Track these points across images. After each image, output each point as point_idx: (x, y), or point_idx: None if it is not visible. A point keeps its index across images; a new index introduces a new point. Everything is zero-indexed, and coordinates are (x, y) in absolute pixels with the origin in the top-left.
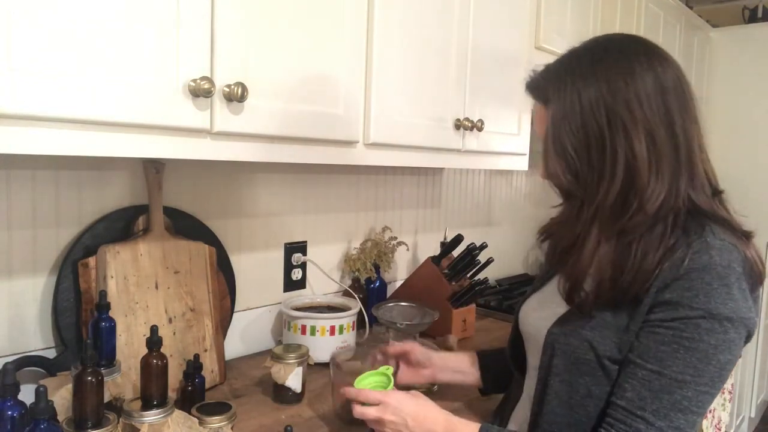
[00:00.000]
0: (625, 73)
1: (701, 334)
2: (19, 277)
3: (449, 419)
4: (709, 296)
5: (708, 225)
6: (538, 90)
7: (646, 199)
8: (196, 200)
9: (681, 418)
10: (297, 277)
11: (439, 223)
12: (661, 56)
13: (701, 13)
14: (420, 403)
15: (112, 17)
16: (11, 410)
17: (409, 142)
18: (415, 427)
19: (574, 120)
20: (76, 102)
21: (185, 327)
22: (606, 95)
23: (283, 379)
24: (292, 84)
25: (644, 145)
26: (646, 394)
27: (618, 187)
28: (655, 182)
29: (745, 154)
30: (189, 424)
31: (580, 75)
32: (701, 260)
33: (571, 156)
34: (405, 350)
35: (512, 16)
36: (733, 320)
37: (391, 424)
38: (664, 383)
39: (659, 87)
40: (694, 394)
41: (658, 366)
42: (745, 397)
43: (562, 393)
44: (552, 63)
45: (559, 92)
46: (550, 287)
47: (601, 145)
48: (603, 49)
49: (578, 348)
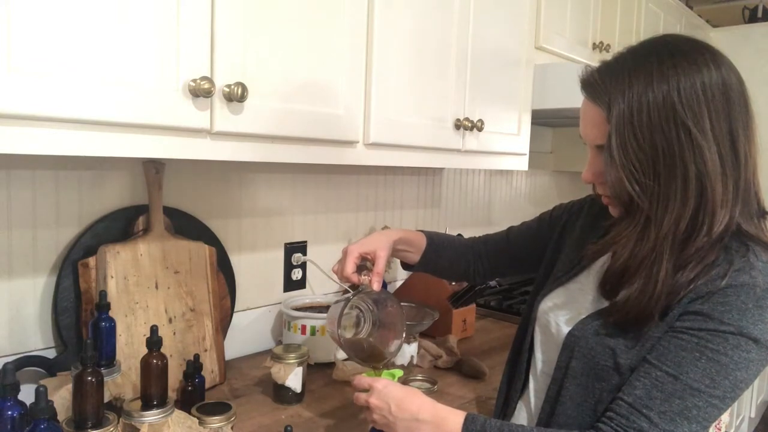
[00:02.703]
0: (694, 77)
1: (726, 348)
2: (19, 277)
3: (436, 406)
4: (743, 314)
5: (751, 245)
6: (596, 90)
7: (715, 222)
8: (196, 200)
9: (685, 426)
10: (297, 277)
11: (439, 223)
12: (726, 61)
13: (701, 13)
14: (407, 390)
15: (112, 17)
16: (11, 410)
17: (409, 142)
18: (399, 412)
19: (640, 128)
20: (76, 102)
21: (185, 327)
22: (675, 102)
23: (283, 379)
24: (292, 84)
25: (716, 162)
26: (657, 395)
27: (691, 209)
28: (724, 202)
29: None
30: (189, 424)
31: (647, 77)
32: (741, 279)
33: (634, 167)
34: (356, 261)
35: (512, 16)
36: (760, 342)
37: (376, 409)
38: (678, 388)
39: (725, 96)
40: (704, 405)
41: (675, 370)
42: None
43: (577, 396)
44: (611, 60)
45: (624, 95)
46: (575, 285)
47: (670, 161)
48: (668, 51)
49: (599, 354)
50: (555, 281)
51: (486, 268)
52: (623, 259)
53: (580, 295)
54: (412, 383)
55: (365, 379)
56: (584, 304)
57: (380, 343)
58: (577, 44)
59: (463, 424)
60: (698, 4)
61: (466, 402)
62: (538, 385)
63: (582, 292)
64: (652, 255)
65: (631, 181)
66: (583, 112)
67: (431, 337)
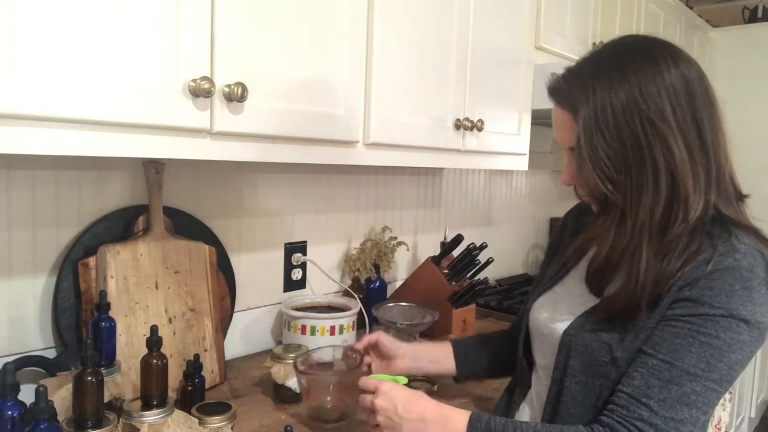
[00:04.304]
0: (655, 75)
1: (718, 331)
2: (19, 277)
3: (441, 406)
4: (731, 297)
5: (733, 230)
6: (562, 96)
7: (689, 208)
8: (196, 200)
9: (686, 412)
10: (297, 277)
11: (439, 223)
12: (684, 56)
13: (701, 13)
14: (412, 392)
15: (112, 17)
16: (11, 410)
17: (409, 142)
18: (405, 413)
19: (606, 128)
20: (76, 102)
21: (185, 327)
22: (638, 100)
23: (283, 379)
24: (292, 84)
25: (683, 151)
26: (655, 383)
27: (664, 198)
28: (695, 190)
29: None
30: (189, 424)
31: (608, 79)
32: (726, 262)
33: (605, 166)
34: (371, 341)
35: (512, 16)
36: (750, 323)
37: (382, 410)
38: (674, 374)
39: (687, 89)
40: (702, 390)
41: (670, 357)
42: (745, 397)
43: (578, 394)
44: (574, 66)
45: (588, 98)
46: (562, 288)
47: (639, 155)
48: (629, 52)
49: (596, 350)
50: (544, 285)
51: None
52: (604, 253)
53: (570, 296)
54: (411, 383)
55: (371, 381)
56: (574, 304)
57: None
58: (577, 44)
59: (468, 422)
60: (698, 4)
61: (465, 402)
62: (540, 388)
63: (570, 293)
64: (631, 246)
65: (603, 178)
66: (554, 118)
67: (431, 337)
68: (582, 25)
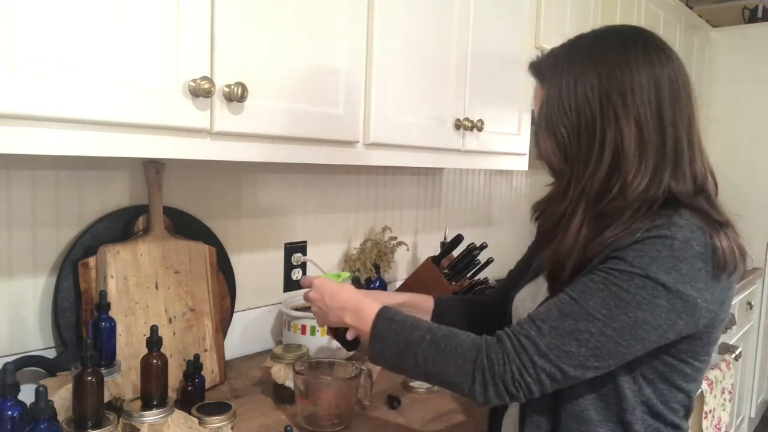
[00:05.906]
0: (622, 62)
1: (630, 287)
2: (19, 277)
3: (359, 298)
4: (653, 260)
5: (681, 210)
6: (537, 69)
7: (627, 184)
8: (196, 200)
9: (573, 346)
10: (297, 277)
11: (439, 223)
12: (660, 49)
13: (701, 13)
14: (339, 284)
15: (112, 17)
16: (11, 410)
17: (409, 142)
18: (330, 302)
19: (567, 101)
20: (76, 102)
21: (185, 327)
22: (602, 81)
23: (283, 379)
24: (292, 84)
25: (633, 134)
26: (554, 312)
27: (605, 170)
28: (638, 170)
29: (744, 154)
30: (189, 424)
31: (579, 59)
32: (659, 232)
33: (561, 135)
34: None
35: (512, 16)
36: (669, 289)
37: (314, 301)
38: (575, 310)
39: (654, 79)
40: (597, 333)
41: (577, 295)
42: (745, 397)
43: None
44: (556, 47)
45: (556, 73)
46: (542, 279)
47: (591, 129)
48: (603, 37)
49: None
50: (526, 278)
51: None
52: (548, 218)
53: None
54: (411, 384)
55: (309, 278)
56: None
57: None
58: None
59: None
60: (698, 4)
61: (464, 401)
62: None
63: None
64: (568, 211)
65: (556, 148)
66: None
67: None
68: (582, 25)
